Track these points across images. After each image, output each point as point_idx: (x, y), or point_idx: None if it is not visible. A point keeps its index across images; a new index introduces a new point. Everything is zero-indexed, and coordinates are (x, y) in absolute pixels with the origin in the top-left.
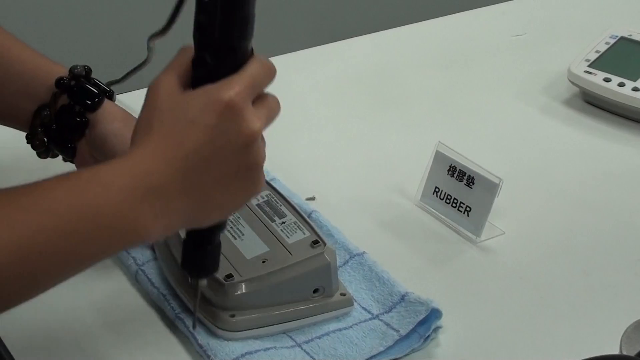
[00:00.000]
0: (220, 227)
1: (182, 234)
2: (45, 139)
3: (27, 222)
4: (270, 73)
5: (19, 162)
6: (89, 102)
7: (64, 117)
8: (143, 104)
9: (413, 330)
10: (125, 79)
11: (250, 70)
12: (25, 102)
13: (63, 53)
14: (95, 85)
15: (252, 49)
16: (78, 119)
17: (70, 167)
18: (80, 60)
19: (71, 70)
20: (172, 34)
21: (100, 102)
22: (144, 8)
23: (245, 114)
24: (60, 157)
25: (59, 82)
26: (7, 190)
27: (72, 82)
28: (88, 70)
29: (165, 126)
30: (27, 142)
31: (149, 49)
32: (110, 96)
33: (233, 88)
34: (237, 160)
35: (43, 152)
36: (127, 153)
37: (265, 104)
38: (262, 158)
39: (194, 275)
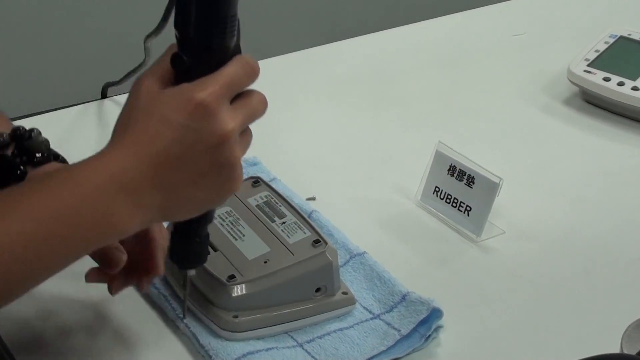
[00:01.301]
0: (206, 219)
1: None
2: None
3: (5, 230)
4: (251, 73)
5: None
6: (36, 157)
7: (3, 164)
8: (126, 99)
9: (414, 330)
10: (124, 81)
11: (229, 69)
12: None
13: (63, 55)
14: (46, 145)
15: (239, 48)
16: (18, 171)
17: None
18: (80, 61)
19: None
20: (170, 34)
21: (45, 159)
22: (142, 9)
23: (218, 113)
24: None
25: (15, 131)
26: None
27: (26, 134)
28: (43, 139)
29: (139, 123)
30: None
31: (146, 49)
32: (62, 161)
33: (207, 88)
34: (208, 159)
35: None
36: (102, 151)
37: (245, 103)
38: (236, 157)
39: (183, 267)
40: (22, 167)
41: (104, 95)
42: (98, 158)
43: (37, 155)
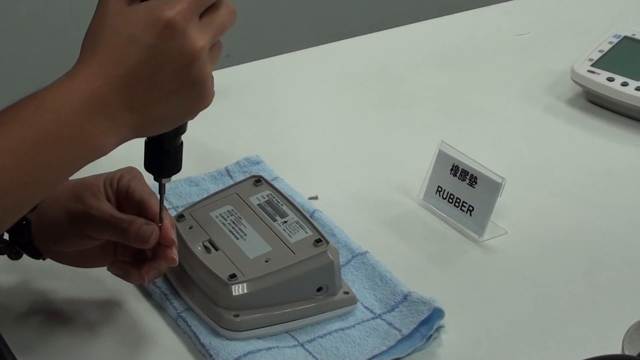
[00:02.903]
0: (179, 131)
1: None
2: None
3: None
4: None
5: None
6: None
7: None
8: (93, 14)
9: (415, 330)
10: None
11: None
12: None
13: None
14: None
15: None
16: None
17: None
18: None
19: None
20: None
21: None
22: None
23: (187, 32)
24: None
25: None
26: None
27: None
28: None
29: (108, 42)
30: None
31: None
32: None
33: (175, 6)
34: (179, 77)
35: (13, 253)
36: (72, 71)
37: (214, 17)
38: (206, 74)
39: (158, 176)
40: (23, 221)
41: None
42: (69, 80)
43: None
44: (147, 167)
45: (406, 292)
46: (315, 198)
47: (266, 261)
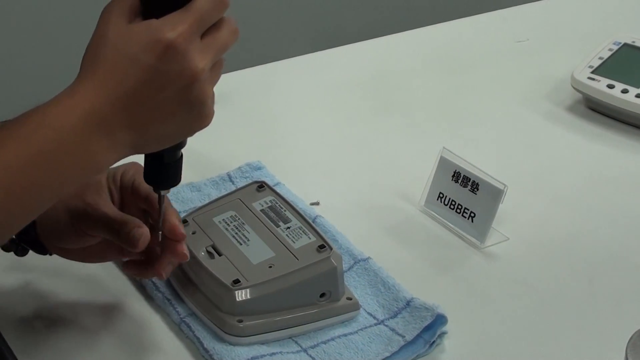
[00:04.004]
0: (178, 146)
1: None
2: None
3: None
4: (220, 6)
5: None
6: None
7: None
8: (94, 32)
9: (418, 336)
10: None
11: (198, 5)
12: None
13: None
14: None
15: None
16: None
17: None
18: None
19: None
20: None
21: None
22: None
23: (187, 54)
24: None
25: None
26: None
27: None
28: None
29: (108, 61)
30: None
31: None
32: None
33: (176, 28)
34: (179, 98)
35: (19, 250)
36: (72, 87)
37: (215, 37)
38: (206, 95)
39: (157, 188)
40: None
41: None
42: (69, 97)
43: None
44: (147, 178)
45: (409, 298)
46: (317, 204)
47: (270, 267)
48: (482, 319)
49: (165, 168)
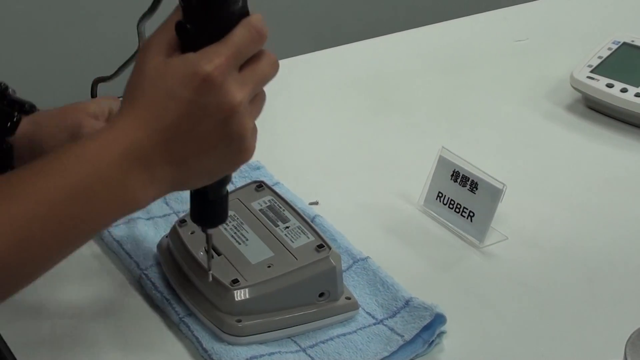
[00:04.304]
0: (223, 182)
1: None
2: None
3: (23, 213)
4: (258, 38)
5: None
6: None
7: None
8: (134, 67)
9: (417, 336)
10: (117, 75)
11: (235, 37)
12: None
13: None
14: (10, 103)
15: (246, 9)
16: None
17: None
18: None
19: None
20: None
21: (17, 123)
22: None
23: (224, 86)
24: None
25: None
26: None
27: None
28: (3, 88)
29: (147, 96)
30: None
31: (140, 34)
32: (30, 110)
33: (212, 61)
34: (217, 132)
35: None
36: (112, 122)
37: (254, 69)
38: (246, 128)
39: (204, 226)
40: (16, 114)
41: (93, 94)
42: (109, 131)
43: (26, 105)
44: (193, 216)
45: (407, 297)
46: (316, 203)
47: (268, 266)
48: (481, 319)
49: (210, 205)
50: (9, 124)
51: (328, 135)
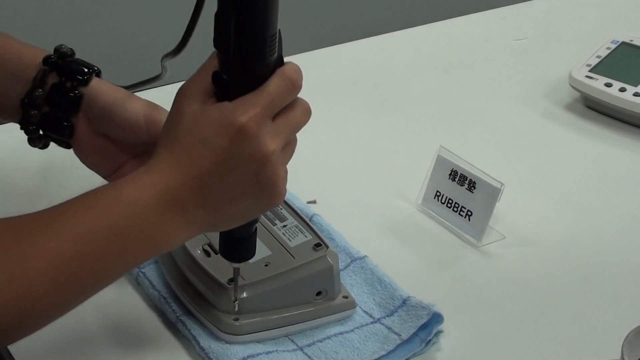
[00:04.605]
0: (252, 222)
1: None
2: (39, 124)
3: (61, 251)
4: (292, 89)
5: (20, 162)
6: (80, 77)
7: (57, 95)
8: (169, 111)
9: (414, 335)
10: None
11: (270, 88)
12: (13, 85)
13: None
14: (82, 62)
15: (282, 59)
16: (72, 95)
17: (68, 157)
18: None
19: (56, 49)
20: (188, 54)
21: (91, 76)
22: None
23: (259, 136)
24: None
25: (47, 60)
26: (37, 217)
27: (60, 61)
28: (72, 51)
29: (183, 142)
30: (21, 129)
31: (163, 67)
32: (99, 73)
33: (247, 111)
34: (250, 179)
35: (37, 137)
36: (149, 166)
37: (288, 118)
38: (277, 176)
39: (230, 261)
40: (76, 91)
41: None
42: (146, 174)
43: (79, 77)
44: (220, 251)
45: (405, 296)
46: (314, 202)
47: (266, 265)
48: (479, 318)
49: (238, 242)
50: (86, 76)
51: (326, 134)
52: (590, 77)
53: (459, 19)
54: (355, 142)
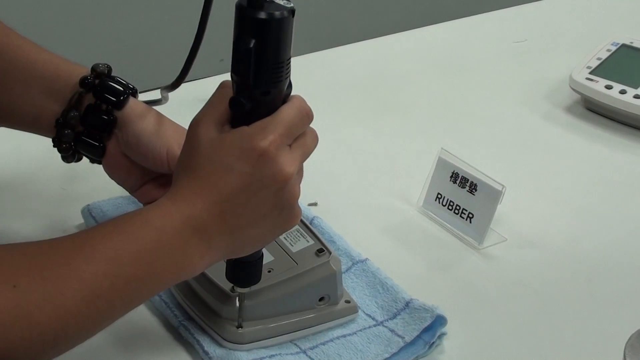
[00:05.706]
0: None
1: None
2: (72, 143)
3: (93, 272)
4: (307, 119)
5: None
6: (114, 100)
7: (92, 117)
8: (185, 141)
9: (418, 337)
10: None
11: (287, 117)
12: (49, 104)
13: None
14: (119, 82)
15: (290, 84)
16: (106, 117)
17: (96, 171)
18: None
19: (93, 69)
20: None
21: (126, 99)
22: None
23: (279, 160)
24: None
25: (84, 81)
26: (68, 240)
27: (96, 81)
28: (109, 69)
29: (203, 170)
30: (54, 146)
31: (162, 99)
32: (134, 93)
33: (267, 136)
34: (271, 202)
35: (70, 155)
36: (172, 194)
37: (302, 144)
38: (295, 197)
39: (237, 286)
40: (110, 116)
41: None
42: (170, 202)
43: (114, 100)
44: (227, 276)
45: (408, 299)
46: (315, 204)
47: (269, 271)
48: (481, 320)
49: (246, 267)
50: (122, 97)
51: (327, 136)
52: (591, 79)
53: (459, 21)
54: (356, 144)
